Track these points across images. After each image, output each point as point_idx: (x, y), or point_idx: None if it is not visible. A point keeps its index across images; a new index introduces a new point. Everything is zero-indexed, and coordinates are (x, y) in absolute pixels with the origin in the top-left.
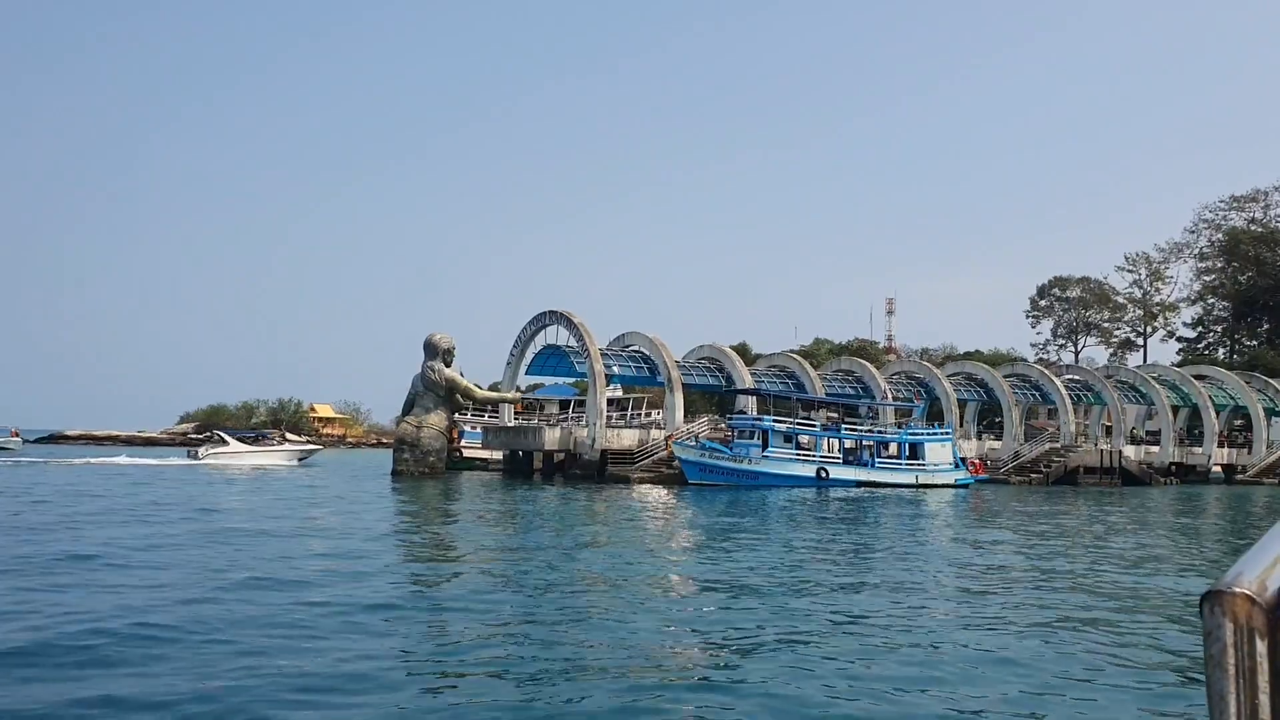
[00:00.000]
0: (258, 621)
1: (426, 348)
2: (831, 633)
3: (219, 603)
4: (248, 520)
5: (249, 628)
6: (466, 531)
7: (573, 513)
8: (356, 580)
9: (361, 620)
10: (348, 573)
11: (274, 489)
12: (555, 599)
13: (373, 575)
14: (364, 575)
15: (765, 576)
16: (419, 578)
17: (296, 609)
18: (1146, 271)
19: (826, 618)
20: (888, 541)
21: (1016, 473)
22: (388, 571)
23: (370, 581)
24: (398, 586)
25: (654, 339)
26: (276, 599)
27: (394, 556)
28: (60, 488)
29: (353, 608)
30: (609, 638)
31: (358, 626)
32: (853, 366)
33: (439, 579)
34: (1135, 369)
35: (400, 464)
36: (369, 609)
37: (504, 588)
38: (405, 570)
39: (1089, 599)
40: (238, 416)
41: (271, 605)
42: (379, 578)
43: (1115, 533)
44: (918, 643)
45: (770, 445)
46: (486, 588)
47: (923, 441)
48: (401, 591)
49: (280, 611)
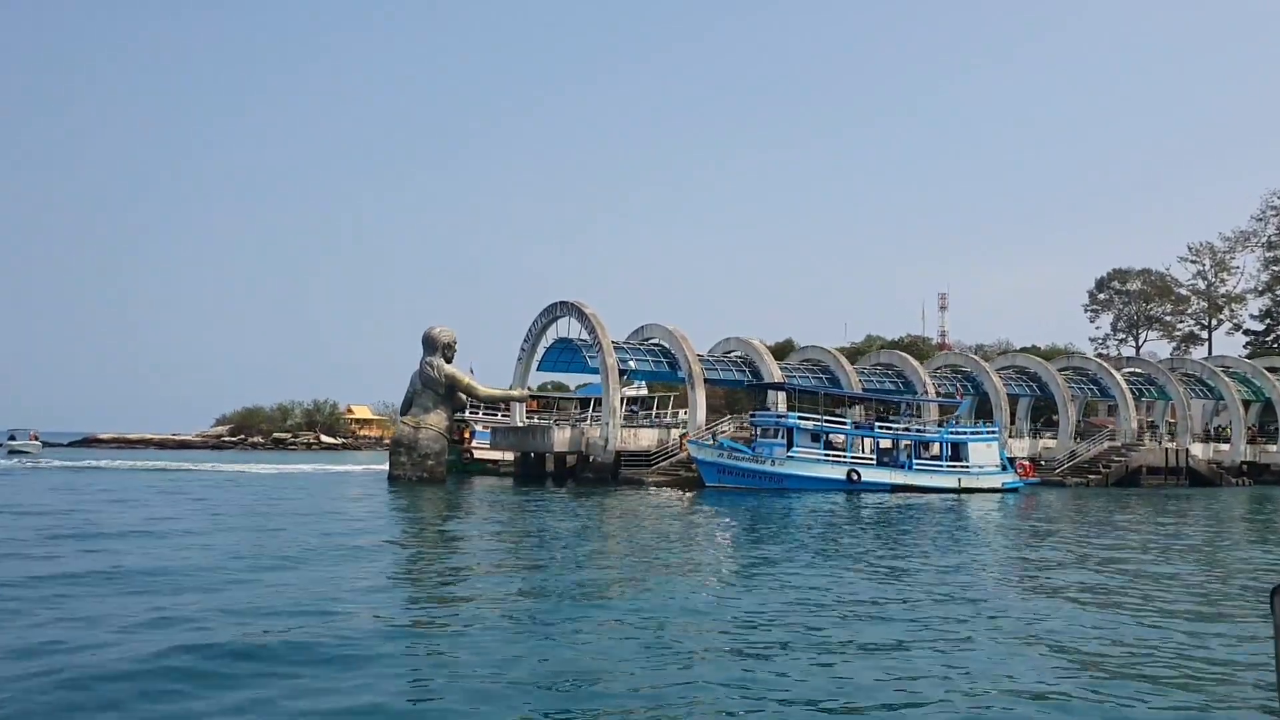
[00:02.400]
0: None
1: (425, 342)
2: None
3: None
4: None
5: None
6: (417, 561)
7: (559, 530)
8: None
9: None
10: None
11: (260, 492)
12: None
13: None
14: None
15: (765, 629)
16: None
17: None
18: (1211, 262)
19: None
20: (920, 574)
21: (1073, 473)
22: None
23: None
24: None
25: (674, 331)
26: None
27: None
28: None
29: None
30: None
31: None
32: (893, 360)
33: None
34: (1202, 361)
35: (397, 468)
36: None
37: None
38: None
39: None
40: (273, 418)
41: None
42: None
43: (1203, 548)
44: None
45: (796, 445)
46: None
47: (966, 441)
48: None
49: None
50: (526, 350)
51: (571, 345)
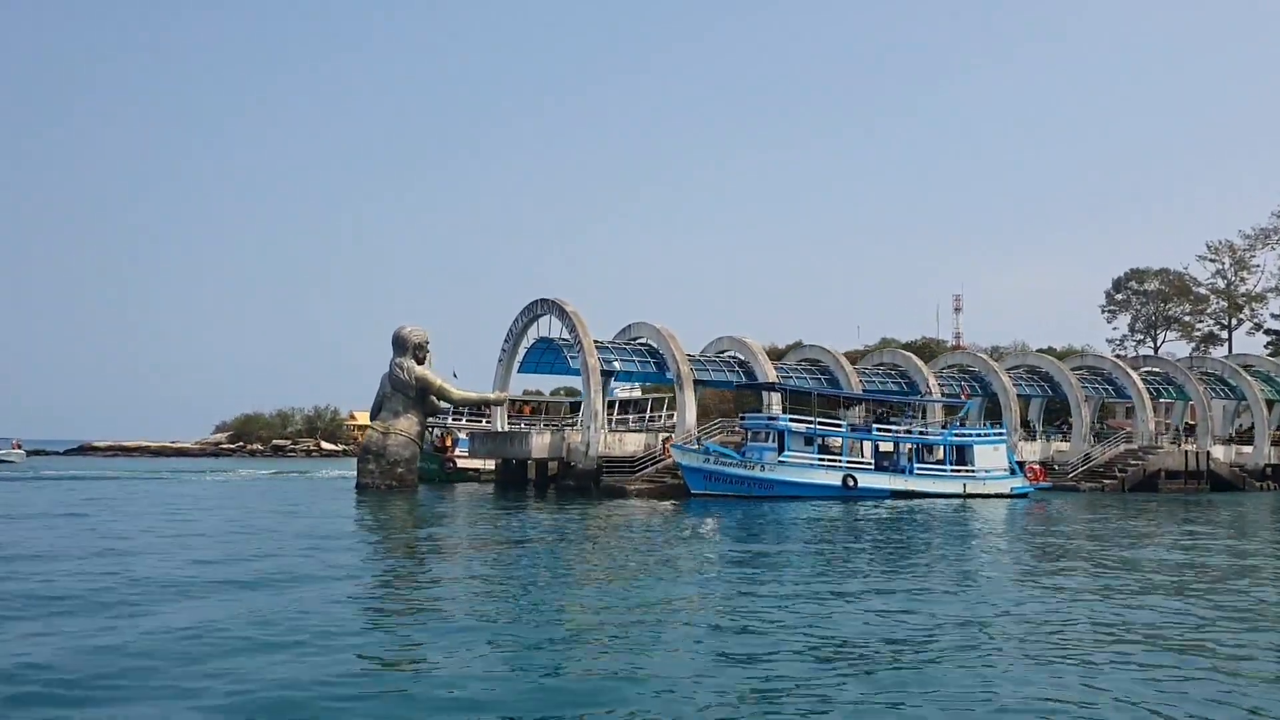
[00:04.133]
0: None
1: (395, 343)
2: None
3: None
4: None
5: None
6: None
7: (495, 557)
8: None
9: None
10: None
11: (214, 502)
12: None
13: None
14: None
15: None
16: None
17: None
18: (1230, 260)
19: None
20: (917, 606)
21: (1087, 478)
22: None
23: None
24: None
25: (662, 329)
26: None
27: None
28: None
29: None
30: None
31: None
32: (897, 360)
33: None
34: (1223, 359)
35: (365, 476)
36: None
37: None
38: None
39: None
40: (273, 425)
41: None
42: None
43: (1236, 564)
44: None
45: (788, 449)
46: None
47: (971, 444)
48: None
49: None
50: (507, 351)
51: (553, 345)
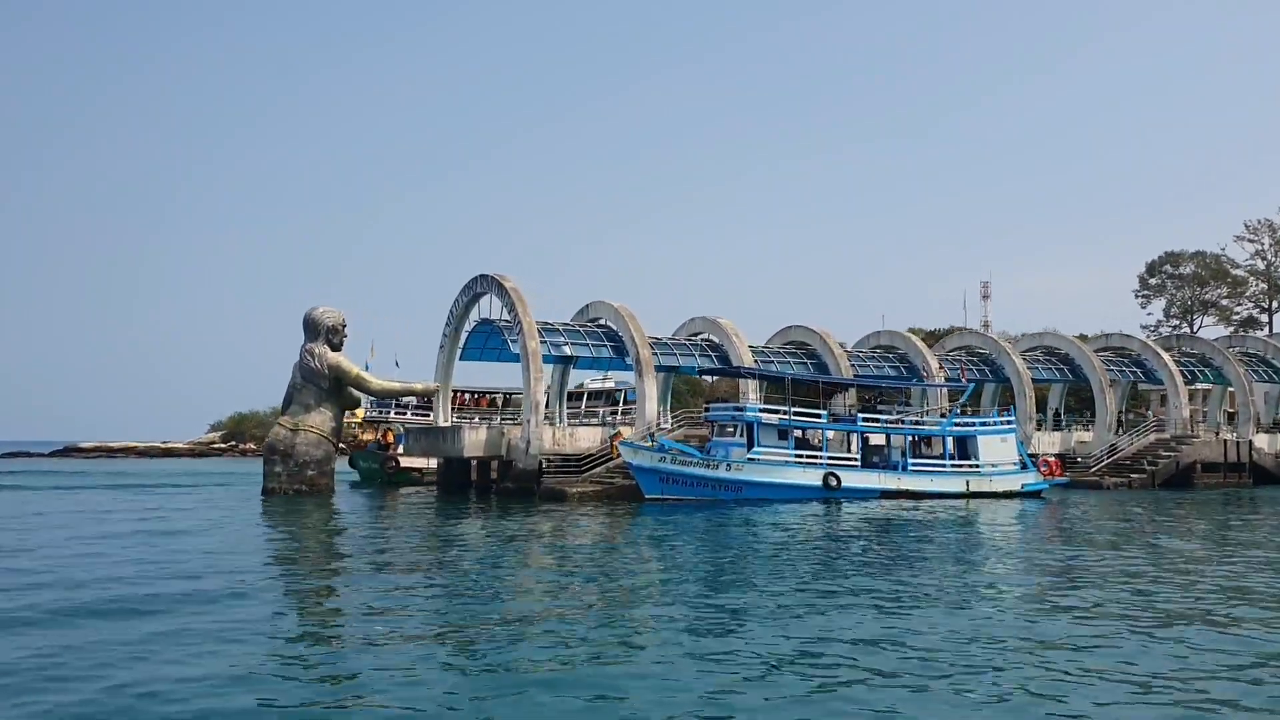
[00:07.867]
0: None
1: (305, 326)
2: None
3: None
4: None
5: None
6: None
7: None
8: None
9: None
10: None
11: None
12: None
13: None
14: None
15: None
16: None
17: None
18: (1270, 240)
19: None
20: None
21: (1111, 472)
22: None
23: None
24: None
25: (620, 309)
26: None
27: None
28: None
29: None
30: None
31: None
32: (895, 341)
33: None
34: (1266, 339)
35: (271, 479)
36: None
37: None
38: None
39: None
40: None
41: None
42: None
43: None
44: None
45: (759, 444)
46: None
47: (975, 434)
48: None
49: None
50: (449, 336)
51: (494, 327)
